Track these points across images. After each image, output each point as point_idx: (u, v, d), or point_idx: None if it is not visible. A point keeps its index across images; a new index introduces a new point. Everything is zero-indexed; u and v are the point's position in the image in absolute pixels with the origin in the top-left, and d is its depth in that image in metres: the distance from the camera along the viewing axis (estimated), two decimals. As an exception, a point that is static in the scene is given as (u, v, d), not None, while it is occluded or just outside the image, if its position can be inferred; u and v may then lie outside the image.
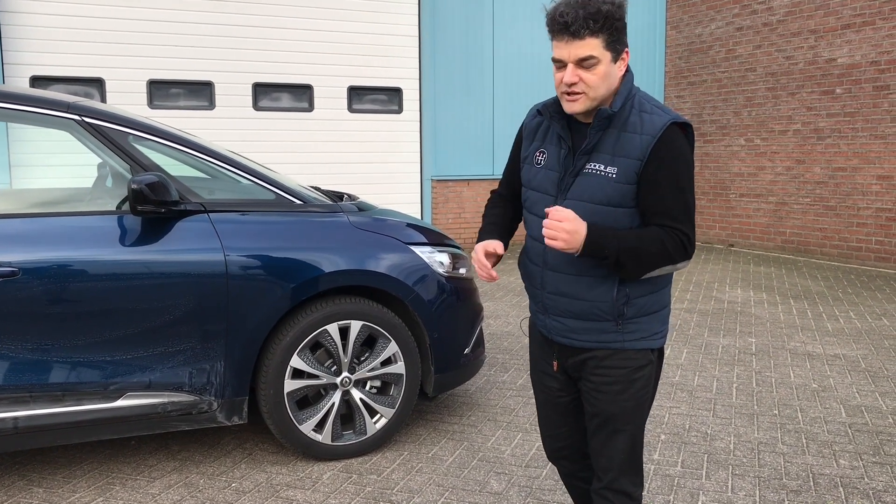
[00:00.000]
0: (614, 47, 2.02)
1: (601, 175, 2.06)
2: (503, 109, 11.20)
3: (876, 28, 9.28)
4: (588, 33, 1.97)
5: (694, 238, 2.06)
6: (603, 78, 2.02)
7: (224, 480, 3.60)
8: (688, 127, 2.09)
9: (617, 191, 2.05)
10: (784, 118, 10.46)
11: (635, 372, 2.18)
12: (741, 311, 7.13)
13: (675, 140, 2.03)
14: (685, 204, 2.04)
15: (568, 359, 2.27)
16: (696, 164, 11.82)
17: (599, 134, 2.08)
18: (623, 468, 2.24)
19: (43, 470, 3.69)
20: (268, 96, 9.67)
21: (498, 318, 6.83)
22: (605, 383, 2.19)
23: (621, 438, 2.21)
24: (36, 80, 8.45)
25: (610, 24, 1.98)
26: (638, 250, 2.01)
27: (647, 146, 2.02)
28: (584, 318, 2.16)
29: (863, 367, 5.35)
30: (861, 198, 9.58)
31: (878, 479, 3.61)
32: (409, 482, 3.58)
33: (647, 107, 2.08)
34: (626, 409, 2.19)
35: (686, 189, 2.05)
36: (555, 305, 2.21)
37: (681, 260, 2.06)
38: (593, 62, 2.00)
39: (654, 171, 2.02)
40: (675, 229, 2.03)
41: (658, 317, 2.19)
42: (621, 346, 2.16)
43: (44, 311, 3.22)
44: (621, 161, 2.04)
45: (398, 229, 3.96)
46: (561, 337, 2.24)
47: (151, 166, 3.49)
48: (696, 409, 4.54)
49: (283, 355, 3.60)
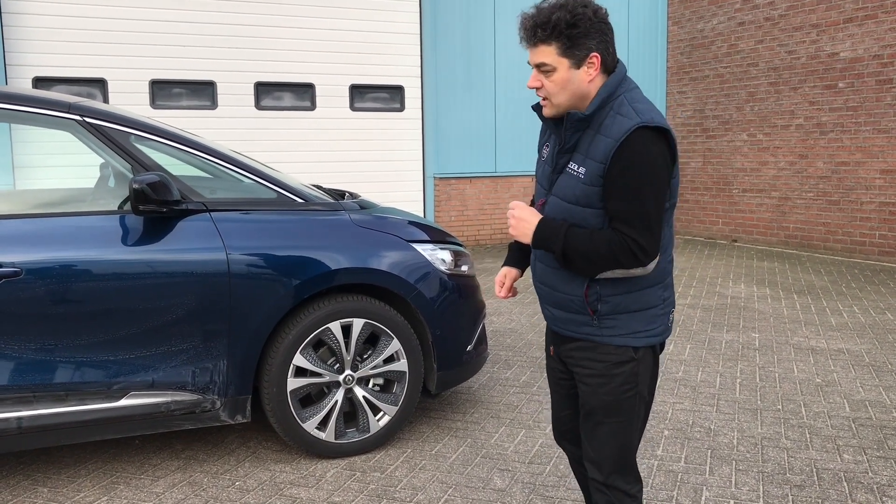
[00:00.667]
0: (572, 53, 2.03)
1: (574, 175, 2.11)
2: (505, 106, 11.19)
3: (878, 21, 9.25)
4: (539, 41, 2.03)
5: (649, 245, 2.02)
6: (561, 85, 2.06)
7: (228, 479, 3.61)
8: (662, 131, 2.03)
9: (584, 192, 2.08)
10: (787, 113, 10.44)
11: (614, 367, 2.20)
12: (744, 306, 7.12)
13: (639, 144, 2.00)
14: (641, 210, 2.01)
15: (560, 346, 2.36)
16: (698, 160, 11.81)
17: (577, 135, 2.11)
18: (612, 465, 2.26)
19: (47, 469, 3.70)
20: (270, 95, 9.68)
21: (500, 315, 6.83)
22: (587, 375, 2.25)
23: (603, 431, 2.25)
24: (38, 80, 8.47)
25: (559, 32, 2.00)
26: (586, 249, 2.04)
27: (611, 150, 2.02)
28: (564, 308, 2.24)
29: (866, 362, 5.34)
30: (864, 192, 9.56)
31: (881, 474, 3.61)
32: (412, 479, 3.59)
33: (624, 109, 2.06)
34: (605, 402, 2.22)
35: (644, 195, 2.01)
36: (542, 295, 2.33)
37: (632, 266, 2.05)
38: (548, 69, 2.06)
39: (614, 175, 2.02)
40: (626, 235, 2.02)
41: (640, 316, 2.18)
42: (601, 339, 2.20)
43: (47, 311, 3.23)
44: (589, 163, 2.07)
45: (400, 227, 3.97)
46: (552, 325, 2.35)
47: (153, 166, 3.49)
48: (699, 404, 4.54)
49: (286, 354, 3.61)
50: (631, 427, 2.26)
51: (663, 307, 2.23)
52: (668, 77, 12.35)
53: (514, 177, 11.38)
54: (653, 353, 2.27)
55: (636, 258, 2.02)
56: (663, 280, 2.21)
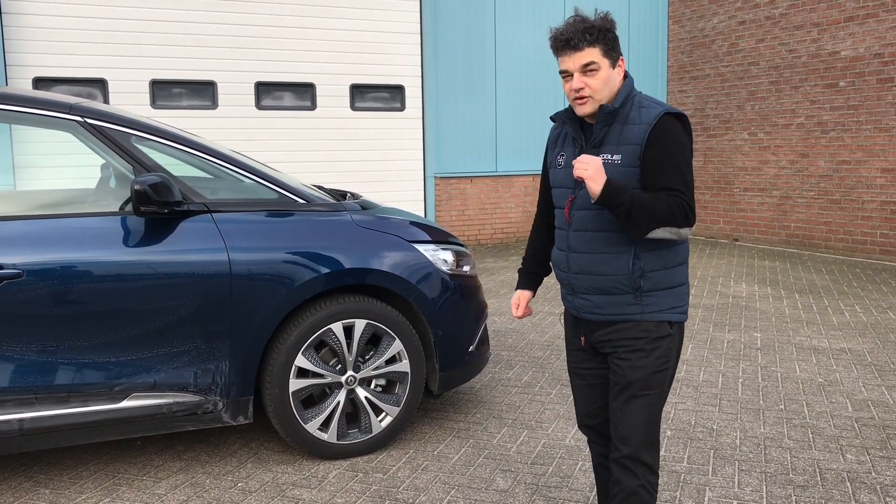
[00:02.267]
0: (611, 55, 2.37)
1: (609, 163, 2.35)
2: (505, 106, 11.18)
3: (879, 20, 9.24)
4: (586, 44, 2.33)
5: (694, 208, 2.30)
6: (605, 81, 2.36)
7: (230, 480, 3.61)
8: (682, 117, 2.38)
9: (623, 175, 2.33)
10: (787, 112, 10.43)
11: (654, 342, 2.41)
12: (746, 305, 7.11)
13: (669, 126, 2.33)
14: (684, 178, 2.31)
15: (594, 333, 2.51)
16: (699, 159, 11.80)
17: (605, 129, 2.39)
18: (641, 440, 2.41)
19: (49, 471, 3.70)
20: (270, 95, 9.68)
21: (502, 315, 6.82)
22: (626, 351, 2.42)
23: (638, 404, 2.41)
24: (39, 81, 8.46)
25: (604, 36, 2.34)
26: (647, 205, 2.25)
27: (645, 132, 2.32)
28: (607, 292, 2.42)
29: (869, 361, 5.34)
30: (866, 191, 9.55)
31: (885, 474, 3.60)
32: (414, 480, 3.58)
33: (645, 103, 2.40)
34: (642, 376, 2.40)
35: (683, 167, 2.31)
36: (581, 284, 2.47)
37: (683, 224, 2.29)
38: (594, 67, 2.34)
39: (652, 153, 2.32)
40: (679, 196, 2.28)
41: (674, 293, 2.44)
42: (641, 317, 2.40)
43: (48, 312, 3.22)
44: (625, 148, 2.35)
45: (402, 227, 3.96)
46: (588, 314, 2.48)
47: (154, 167, 3.49)
48: (701, 404, 4.53)
49: (288, 355, 3.60)
50: (661, 401, 2.45)
51: (687, 286, 2.50)
52: (669, 76, 12.34)
53: (514, 176, 11.37)
54: (681, 332, 2.50)
55: (688, 217, 2.28)
56: (686, 259, 2.49)
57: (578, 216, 2.43)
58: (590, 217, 2.40)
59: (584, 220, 2.41)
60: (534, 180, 11.49)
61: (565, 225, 2.48)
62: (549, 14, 11.21)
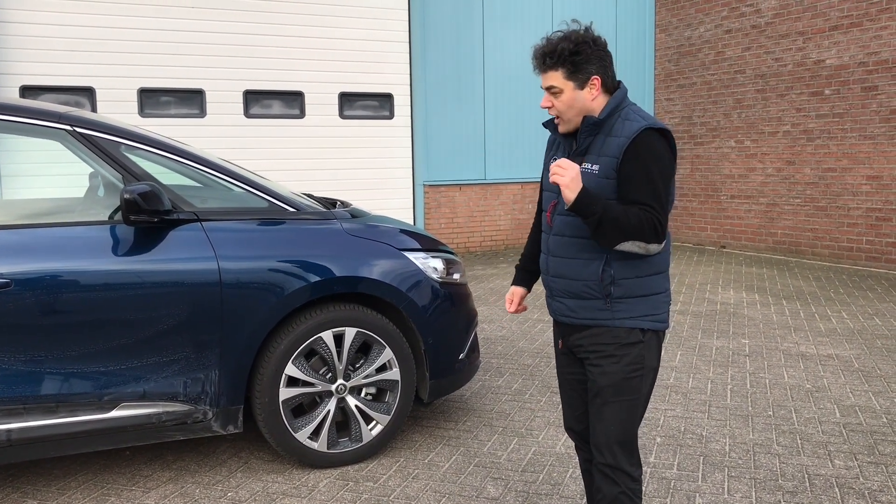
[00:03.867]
0: (576, 77, 2.38)
1: (588, 172, 2.40)
2: (494, 114, 11.21)
3: (863, 29, 9.34)
4: (547, 68, 2.40)
5: (664, 226, 2.31)
6: (568, 103, 2.41)
7: (220, 490, 3.59)
8: (665, 132, 2.39)
9: (598, 184, 2.37)
10: (774, 120, 10.51)
11: (624, 347, 2.44)
12: (734, 312, 7.15)
13: (647, 141, 2.34)
14: (656, 193, 2.32)
15: (569, 336, 2.56)
16: (686, 167, 11.87)
17: (589, 139, 2.43)
18: (615, 447, 2.45)
19: (37, 482, 3.67)
20: (259, 103, 9.67)
21: (492, 323, 6.83)
22: (598, 356, 2.47)
23: (610, 411, 2.45)
24: (26, 89, 8.42)
25: (563, 59, 2.36)
26: (618, 217, 2.27)
27: (623, 146, 2.35)
28: (580, 297, 2.46)
29: (856, 367, 5.38)
30: (851, 198, 9.63)
31: (873, 479, 3.63)
32: (405, 489, 3.58)
33: (631, 116, 2.41)
34: (613, 381, 2.44)
35: (657, 182, 2.33)
36: (557, 288, 2.52)
37: (652, 240, 2.31)
38: (556, 90, 2.41)
39: (628, 167, 2.34)
40: (649, 212, 2.30)
41: (649, 301, 2.45)
42: (612, 323, 2.44)
43: (36, 322, 3.20)
44: (604, 159, 2.38)
45: (391, 235, 3.96)
46: (563, 316, 2.54)
47: (144, 175, 3.48)
48: (690, 411, 4.55)
49: (278, 363, 3.60)
50: (635, 408, 2.47)
51: (665, 296, 2.50)
52: (656, 84, 12.42)
53: (503, 184, 11.40)
54: (657, 340, 2.50)
55: (656, 233, 2.30)
56: (665, 269, 2.49)
57: (559, 221, 2.48)
58: (568, 222, 2.45)
59: (563, 224, 2.46)
60: (522, 188, 11.52)
61: (547, 228, 2.54)
62: (538, 23, 11.26)
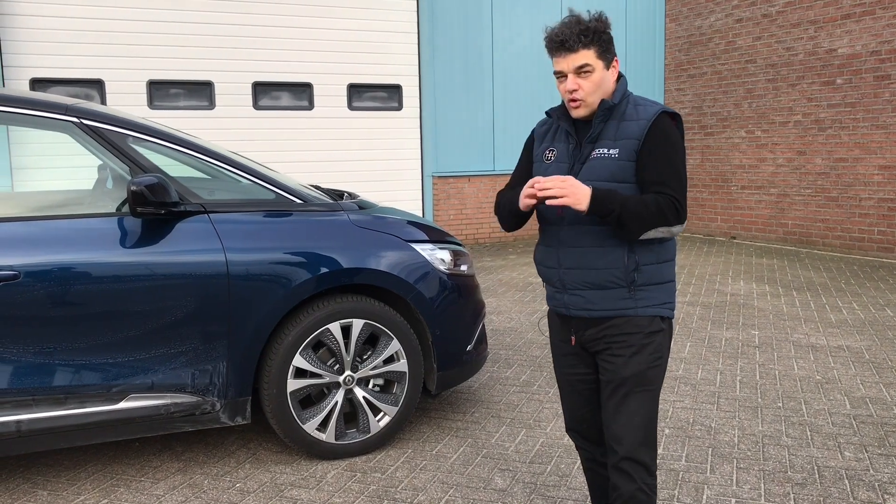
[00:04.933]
0: (605, 57, 2.37)
1: (605, 157, 2.37)
2: (503, 104, 11.18)
3: (876, 17, 9.25)
4: (581, 46, 2.33)
5: (685, 205, 2.33)
6: (598, 84, 2.38)
7: (228, 481, 3.61)
8: (676, 116, 2.43)
9: (620, 168, 2.35)
10: (785, 109, 10.43)
11: (647, 337, 2.40)
12: (744, 303, 7.11)
13: (665, 124, 2.38)
14: (677, 176, 2.33)
15: (586, 331, 2.47)
16: (697, 157, 11.80)
17: (602, 125, 2.41)
18: (637, 438, 2.38)
19: (47, 473, 3.70)
20: (268, 95, 9.67)
21: (500, 315, 6.82)
22: (619, 347, 2.40)
23: (633, 402, 2.38)
24: (36, 82, 8.45)
25: (598, 38, 2.35)
26: (638, 206, 2.26)
27: (644, 128, 2.35)
28: (601, 286, 2.40)
29: (867, 359, 5.34)
30: (863, 188, 9.55)
31: (883, 471, 3.61)
32: (413, 480, 3.58)
33: (640, 101, 2.44)
34: (636, 372, 2.38)
35: (677, 165, 2.34)
36: (573, 280, 2.43)
37: (675, 222, 2.30)
38: (588, 69, 2.35)
39: (650, 148, 2.34)
40: (668, 194, 2.29)
41: (664, 288, 2.44)
42: (634, 312, 2.40)
43: (45, 314, 3.22)
44: (622, 142, 2.36)
45: (399, 227, 3.96)
46: (580, 310, 2.45)
47: (151, 168, 3.49)
48: (699, 402, 4.53)
49: (286, 355, 3.60)
50: (656, 397, 2.43)
51: (674, 283, 2.50)
52: (666, 74, 12.34)
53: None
54: (670, 327, 2.49)
55: (678, 215, 2.29)
56: (674, 256, 2.49)
57: (573, 211, 2.36)
58: None
59: (580, 214, 2.34)
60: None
61: (557, 220, 2.43)
62: (546, 12, 11.20)
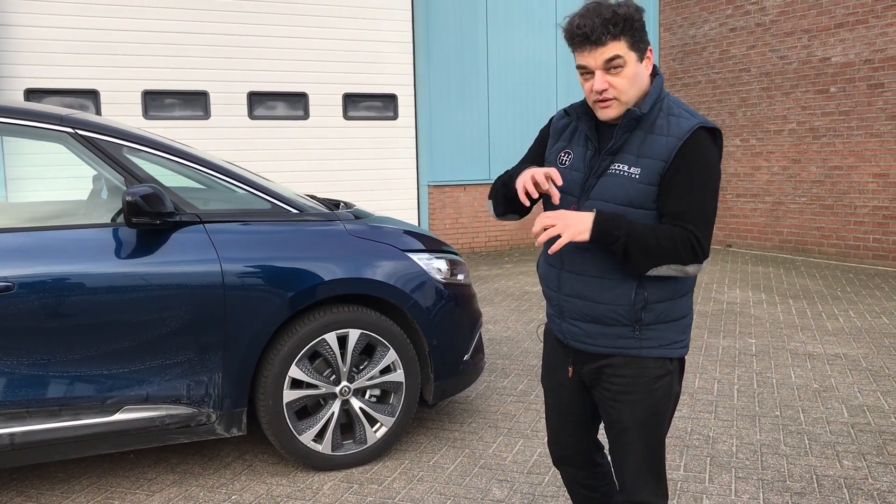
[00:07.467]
0: (638, 47, 2.02)
1: (624, 175, 2.04)
2: (498, 114, 11.20)
3: (869, 26, 9.29)
4: (610, 38, 1.97)
5: (707, 244, 1.99)
6: (632, 80, 2.02)
7: (224, 493, 3.58)
8: (716, 132, 2.07)
9: (639, 192, 2.02)
10: (779, 118, 10.47)
11: (653, 382, 2.12)
12: (740, 311, 7.11)
13: (700, 144, 2.01)
14: (703, 208, 1.99)
15: (584, 365, 2.21)
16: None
17: (626, 135, 2.07)
18: (642, 479, 2.18)
19: (41, 486, 3.66)
20: (263, 105, 9.66)
21: (497, 324, 6.81)
22: (621, 392, 2.14)
23: (637, 449, 2.16)
24: (30, 92, 8.44)
25: (629, 26, 1.98)
26: (647, 239, 1.95)
27: (673, 148, 2.00)
28: (601, 322, 2.11)
29: (864, 367, 5.34)
30: (858, 196, 9.58)
31: (882, 480, 3.60)
32: (410, 491, 3.56)
33: (675, 110, 2.07)
34: (642, 419, 2.13)
35: (706, 194, 2.01)
36: (571, 308, 2.16)
37: (690, 262, 1.99)
38: (620, 63, 1.99)
39: (676, 172, 2.00)
40: (686, 230, 1.97)
41: (678, 325, 2.14)
42: (638, 353, 2.11)
43: (40, 325, 3.19)
44: (645, 162, 2.02)
45: (395, 237, 3.95)
46: (577, 342, 2.19)
47: (146, 178, 3.47)
48: (697, 411, 4.52)
49: (282, 365, 3.58)
50: (662, 435, 2.19)
51: (691, 317, 2.19)
52: (661, 83, 12.37)
53: (508, 184, 11.36)
54: (681, 365, 2.22)
55: (696, 254, 1.98)
56: (692, 289, 2.18)
57: None
58: None
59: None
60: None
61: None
62: (542, 22, 11.24)
